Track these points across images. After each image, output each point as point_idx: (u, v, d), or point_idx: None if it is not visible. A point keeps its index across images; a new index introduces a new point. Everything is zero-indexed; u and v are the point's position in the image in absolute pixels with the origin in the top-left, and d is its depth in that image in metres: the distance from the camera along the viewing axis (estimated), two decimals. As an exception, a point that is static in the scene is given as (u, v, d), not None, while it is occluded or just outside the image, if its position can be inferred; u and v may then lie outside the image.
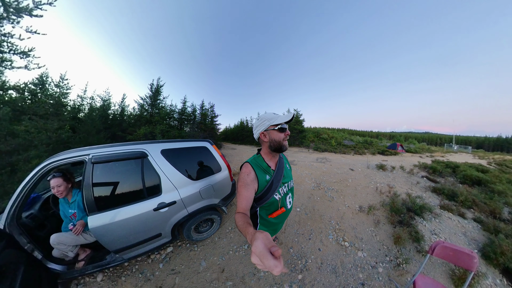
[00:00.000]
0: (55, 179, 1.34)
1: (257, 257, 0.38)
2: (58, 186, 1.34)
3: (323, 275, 1.55)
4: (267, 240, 0.41)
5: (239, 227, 0.59)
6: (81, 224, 1.39)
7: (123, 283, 1.47)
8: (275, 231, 0.98)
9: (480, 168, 5.19)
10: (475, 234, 2.21)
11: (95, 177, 1.30)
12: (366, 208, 2.64)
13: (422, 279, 1.22)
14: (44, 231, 1.56)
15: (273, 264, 0.36)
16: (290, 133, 0.89)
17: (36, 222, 1.54)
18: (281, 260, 0.38)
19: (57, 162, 1.25)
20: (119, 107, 10.26)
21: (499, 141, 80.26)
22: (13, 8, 3.42)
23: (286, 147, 0.83)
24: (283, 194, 0.87)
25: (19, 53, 3.79)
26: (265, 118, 0.82)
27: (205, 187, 1.74)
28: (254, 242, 0.41)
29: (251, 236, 0.47)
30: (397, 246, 1.89)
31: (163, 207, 1.47)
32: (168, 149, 1.63)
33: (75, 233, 1.36)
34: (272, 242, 0.41)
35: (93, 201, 1.27)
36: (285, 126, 0.80)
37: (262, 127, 0.82)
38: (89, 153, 1.33)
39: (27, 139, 3.51)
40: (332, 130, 24.02)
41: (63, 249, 1.34)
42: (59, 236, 1.33)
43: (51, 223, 1.65)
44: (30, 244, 1.23)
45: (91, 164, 1.30)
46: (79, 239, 1.41)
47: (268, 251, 0.38)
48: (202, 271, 1.58)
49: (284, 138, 0.82)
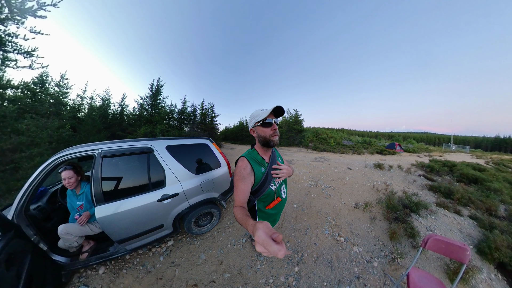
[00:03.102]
0: (67, 171, 1.40)
1: (261, 246, 0.41)
2: (69, 178, 1.40)
3: (319, 268, 1.59)
4: (268, 228, 0.43)
5: (239, 220, 0.61)
6: (86, 215, 1.44)
7: (124, 275, 1.51)
8: (274, 221, 1.02)
9: (477, 167, 5.24)
10: (471, 230, 2.25)
11: (103, 171, 1.36)
12: (362, 205, 2.68)
13: (415, 272, 1.25)
14: (51, 223, 1.61)
15: (276, 248, 0.39)
16: (290, 132, 0.91)
17: (43, 214, 1.59)
18: (283, 244, 0.41)
19: (67, 156, 1.31)
20: (119, 106, 10.32)
21: (497, 141, 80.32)
22: (17, 9, 3.50)
23: (273, 142, 0.81)
24: (278, 185, 0.91)
25: (23, 52, 3.86)
26: (252, 116, 0.85)
27: (206, 181, 1.81)
28: (256, 232, 0.43)
29: (252, 227, 0.49)
30: (393, 242, 1.93)
31: (167, 198, 1.53)
32: (173, 145, 1.72)
33: (79, 222, 1.41)
34: (272, 230, 0.43)
35: (101, 193, 1.32)
36: (270, 121, 0.79)
37: (250, 124, 0.87)
38: (98, 147, 1.40)
39: (30, 137, 3.56)
40: (331, 130, 24.06)
41: (69, 239, 1.39)
42: (67, 227, 1.38)
43: (58, 215, 1.70)
44: (36, 236, 1.28)
45: (100, 158, 1.37)
46: (86, 229, 1.45)
47: (270, 238, 0.41)
48: (201, 263, 1.62)
49: (271, 133, 0.80)
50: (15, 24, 3.61)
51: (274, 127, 0.80)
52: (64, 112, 6.68)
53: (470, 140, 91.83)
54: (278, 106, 0.78)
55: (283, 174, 0.89)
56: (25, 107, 4.23)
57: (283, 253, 0.39)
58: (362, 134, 74.24)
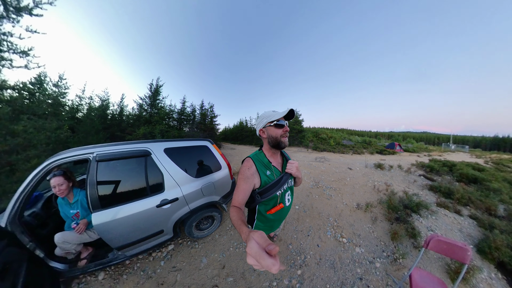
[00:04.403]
0: (56, 178, 1.31)
1: (253, 258, 0.37)
2: (59, 185, 1.31)
3: (322, 270, 1.58)
4: (263, 239, 0.40)
5: (233, 223, 0.60)
6: (84, 223, 1.40)
7: (124, 281, 1.48)
8: (271, 228, 0.98)
9: (476, 167, 5.27)
10: (471, 230, 2.26)
11: (99, 175, 1.31)
12: (364, 206, 2.68)
13: (418, 272, 1.26)
14: (47, 230, 1.57)
15: (270, 263, 0.36)
16: (289, 132, 0.90)
17: (38, 221, 1.54)
18: (277, 258, 0.37)
19: (61, 160, 1.26)
20: (118, 107, 10.22)
21: (495, 141, 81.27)
22: (13, 7, 3.42)
23: (284, 144, 0.82)
24: (283, 190, 0.89)
25: (19, 52, 3.78)
26: (264, 116, 0.85)
27: (206, 184, 1.77)
28: (248, 243, 0.40)
29: (245, 236, 0.46)
30: (394, 242, 1.93)
31: (166, 204, 1.49)
32: (171, 147, 1.66)
33: (77, 231, 1.37)
34: (268, 241, 0.40)
35: (97, 198, 1.28)
36: (283, 123, 0.80)
37: (261, 124, 0.85)
38: (93, 151, 1.34)
39: (26, 138, 3.50)
40: (331, 130, 24.11)
41: (67, 248, 1.34)
42: (63, 235, 1.34)
43: (54, 221, 1.65)
44: (32, 243, 1.23)
45: (95, 162, 1.32)
46: (84, 237, 1.41)
47: (263, 250, 0.37)
48: (203, 267, 1.60)
49: (282, 134, 0.81)
50: (10, 23, 3.54)
51: (286, 129, 0.81)
52: (62, 113, 6.60)
53: (469, 140, 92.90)
54: (292, 109, 0.79)
55: (293, 169, 0.87)
56: (21, 108, 4.16)
57: (277, 268, 0.36)
58: (361, 134, 74.58)
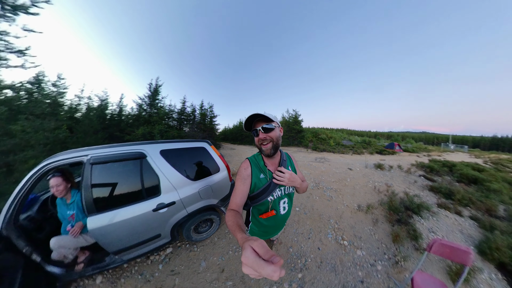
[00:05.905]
0: (55, 178, 1.32)
1: (250, 268, 0.35)
2: (57, 186, 1.32)
3: (323, 273, 1.56)
4: (263, 249, 0.37)
5: (229, 227, 0.58)
6: (79, 226, 1.38)
7: (122, 284, 1.46)
8: (266, 233, 0.94)
9: (476, 167, 5.27)
10: (472, 231, 2.25)
11: (93, 178, 1.28)
12: (365, 207, 2.66)
13: (420, 275, 1.26)
14: (43, 233, 1.54)
15: (270, 270, 0.34)
16: (289, 133, 0.87)
17: (34, 224, 1.52)
18: (279, 265, 0.36)
19: (56, 163, 1.24)
20: (117, 107, 10.17)
21: (494, 141, 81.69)
22: (9, 6, 3.37)
23: (265, 152, 0.76)
24: (277, 197, 0.83)
25: (15, 51, 3.73)
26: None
27: (204, 187, 1.74)
28: (244, 251, 0.37)
29: (241, 242, 0.44)
30: (396, 244, 1.91)
31: (162, 208, 1.46)
32: (167, 149, 1.62)
33: (72, 234, 1.35)
34: (270, 251, 0.37)
35: (92, 202, 1.25)
36: (256, 132, 0.75)
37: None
38: (87, 153, 1.32)
39: (24, 139, 3.46)
40: (330, 130, 24.11)
41: (63, 252, 1.32)
42: (59, 239, 1.32)
43: (50, 225, 1.62)
44: (28, 247, 1.21)
45: (89, 165, 1.29)
46: (80, 240, 1.39)
47: (260, 259, 0.36)
48: (202, 271, 1.58)
49: (261, 142, 0.76)
50: (6, 22, 3.49)
51: (260, 137, 0.75)
52: (61, 113, 6.55)
53: (468, 140, 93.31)
54: (252, 115, 0.72)
55: (284, 180, 0.76)
56: (18, 108, 4.12)
57: (278, 275, 0.33)
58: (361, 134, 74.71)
